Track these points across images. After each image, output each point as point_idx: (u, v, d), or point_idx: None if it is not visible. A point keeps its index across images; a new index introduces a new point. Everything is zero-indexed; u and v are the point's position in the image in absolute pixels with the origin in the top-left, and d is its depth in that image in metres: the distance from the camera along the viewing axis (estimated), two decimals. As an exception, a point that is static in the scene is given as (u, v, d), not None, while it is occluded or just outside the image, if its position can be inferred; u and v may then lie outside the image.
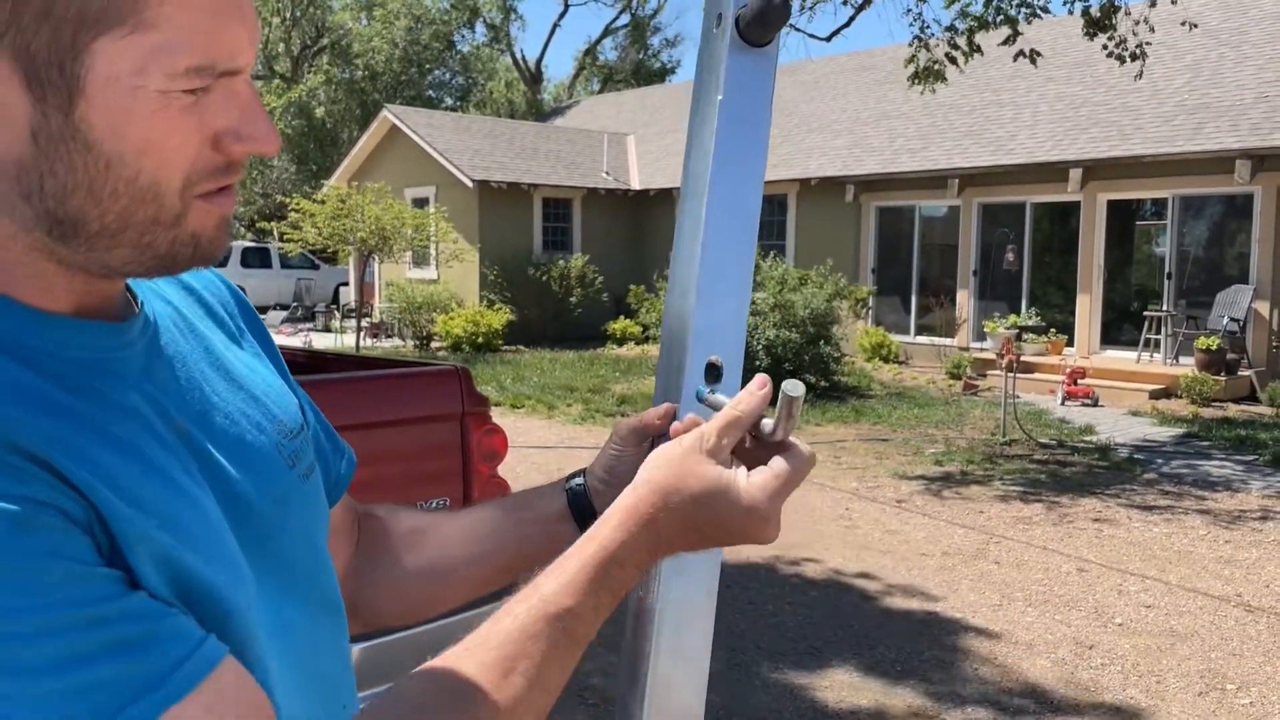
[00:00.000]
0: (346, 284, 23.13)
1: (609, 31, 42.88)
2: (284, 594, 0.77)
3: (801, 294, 12.22)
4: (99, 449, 0.63)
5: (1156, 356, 13.25)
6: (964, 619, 4.98)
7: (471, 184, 18.35)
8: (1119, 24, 9.99)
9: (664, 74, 42.73)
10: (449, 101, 39.10)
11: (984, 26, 9.98)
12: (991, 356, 13.36)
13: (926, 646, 4.61)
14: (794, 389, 0.76)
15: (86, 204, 0.64)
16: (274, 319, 20.50)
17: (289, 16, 36.49)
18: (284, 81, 35.45)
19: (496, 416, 4.01)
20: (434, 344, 17.74)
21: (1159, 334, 13.26)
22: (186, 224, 0.67)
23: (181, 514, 0.66)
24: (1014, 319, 14.51)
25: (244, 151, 0.67)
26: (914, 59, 10.52)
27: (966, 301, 15.41)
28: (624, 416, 9.43)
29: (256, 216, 29.83)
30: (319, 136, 34.56)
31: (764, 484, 0.77)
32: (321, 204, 17.05)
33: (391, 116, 20.45)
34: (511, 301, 18.24)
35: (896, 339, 15.58)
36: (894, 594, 5.34)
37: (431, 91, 38.96)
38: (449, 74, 40.52)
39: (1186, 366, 12.37)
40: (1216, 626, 4.91)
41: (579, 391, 12.37)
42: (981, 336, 14.88)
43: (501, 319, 17.20)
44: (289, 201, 17.65)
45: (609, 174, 20.63)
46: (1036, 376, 13.00)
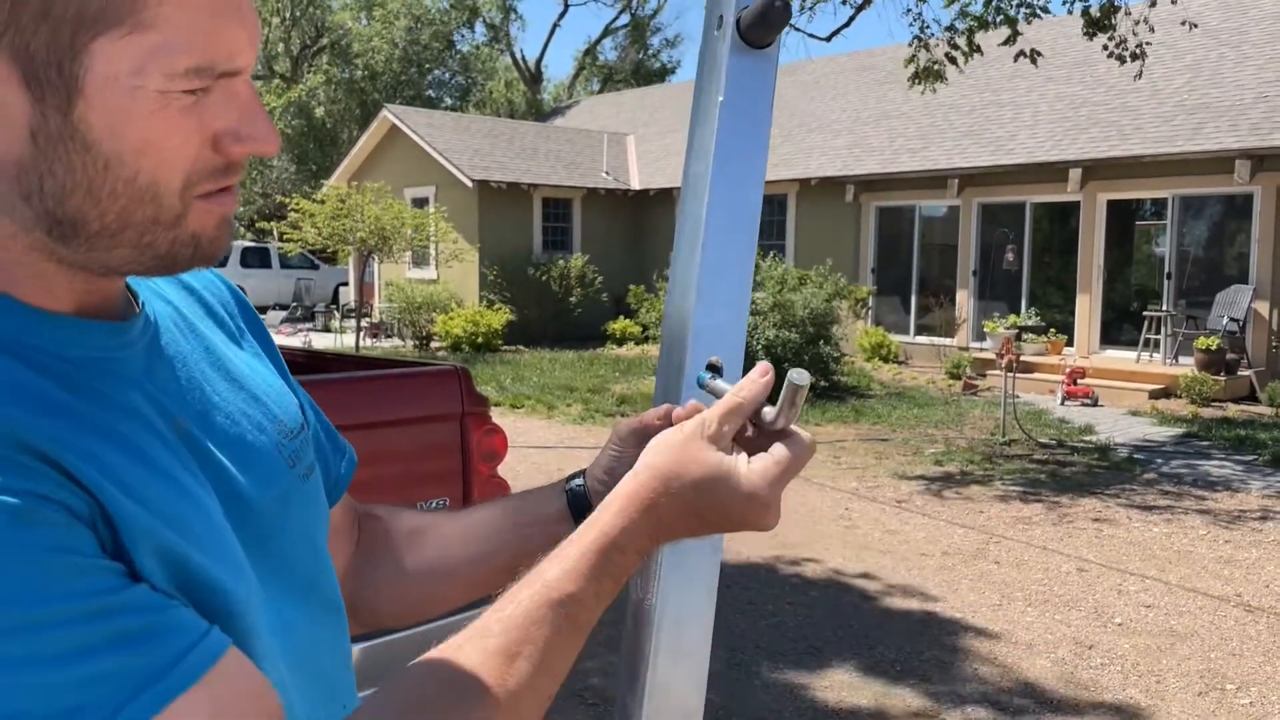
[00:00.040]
0: (346, 284, 23.14)
1: (609, 31, 42.93)
2: (284, 594, 0.77)
3: (801, 294, 12.22)
4: (103, 447, 0.63)
5: (1156, 356, 13.26)
6: (964, 619, 4.98)
7: (471, 184, 18.35)
8: (1119, 24, 9.99)
9: (664, 74, 42.74)
10: (449, 101, 39.09)
11: (984, 26, 9.98)
12: (991, 356, 13.36)
13: (926, 646, 4.61)
14: (800, 377, 0.75)
15: (86, 204, 0.64)
16: (273, 319, 20.50)
17: (289, 16, 36.50)
18: (284, 81, 35.46)
19: (496, 416, 4.01)
20: (434, 344, 17.74)
21: (1159, 334, 13.26)
22: (186, 224, 0.67)
23: (185, 511, 0.66)
24: (1014, 319, 14.51)
25: (244, 152, 0.67)
26: (914, 59, 10.53)
27: (966, 301, 15.41)
28: (624, 416, 9.43)
29: (256, 216, 29.82)
30: (319, 136, 34.57)
31: (764, 471, 0.77)
32: (321, 204, 17.04)
33: (391, 116, 20.45)
34: (511, 301, 18.23)
35: (896, 339, 15.57)
36: (894, 594, 5.34)
37: (431, 91, 38.96)
38: (449, 74, 40.52)
39: (1186, 366, 12.37)
40: (1216, 626, 4.91)
41: (579, 391, 12.37)
42: (981, 336, 14.88)
43: (501, 319, 17.19)
44: (288, 201, 17.64)
45: (609, 174, 20.62)
46: (1036, 376, 13.00)
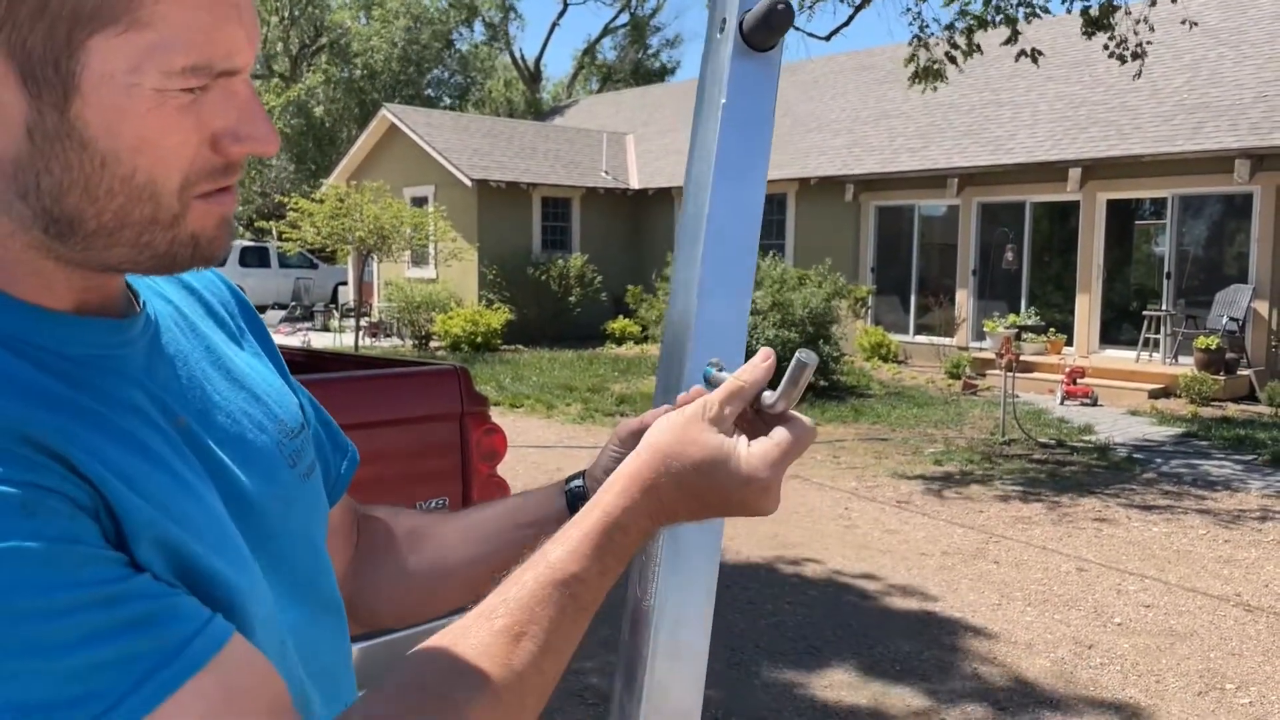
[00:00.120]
0: (345, 283, 23.13)
1: (608, 31, 42.93)
2: (285, 593, 0.78)
3: (800, 293, 12.21)
4: (104, 441, 0.63)
5: (1156, 356, 13.26)
6: (963, 618, 4.98)
7: (470, 183, 18.34)
8: (1118, 23, 9.99)
9: (663, 74, 42.73)
10: (448, 100, 39.09)
11: (983, 25, 9.99)
12: (991, 356, 13.37)
13: (925, 646, 4.61)
14: (807, 357, 0.76)
15: (83, 202, 0.64)
16: (272, 318, 20.48)
17: (288, 16, 36.49)
18: (283, 81, 35.44)
19: (495, 416, 4.01)
20: (433, 343, 17.73)
21: (1158, 333, 13.26)
22: (185, 224, 0.67)
23: (186, 505, 0.66)
24: (1013, 318, 14.52)
25: (243, 152, 0.67)
26: (914, 58, 10.53)
27: (966, 301, 15.41)
28: (623, 416, 9.43)
29: (255, 216, 29.82)
30: (318, 136, 34.57)
31: (764, 453, 0.77)
32: (320, 203, 17.03)
33: (390, 115, 20.44)
34: (510, 301, 18.22)
35: (896, 338, 15.57)
36: (893, 593, 5.34)
37: (430, 90, 38.97)
38: (448, 73, 40.53)
39: (1186, 366, 12.38)
40: (1216, 626, 4.91)
41: (578, 391, 12.37)
42: (981, 336, 14.88)
43: (500, 318, 17.19)
44: (287, 201, 17.64)
45: (608, 173, 20.62)
46: (1036, 376, 13.00)
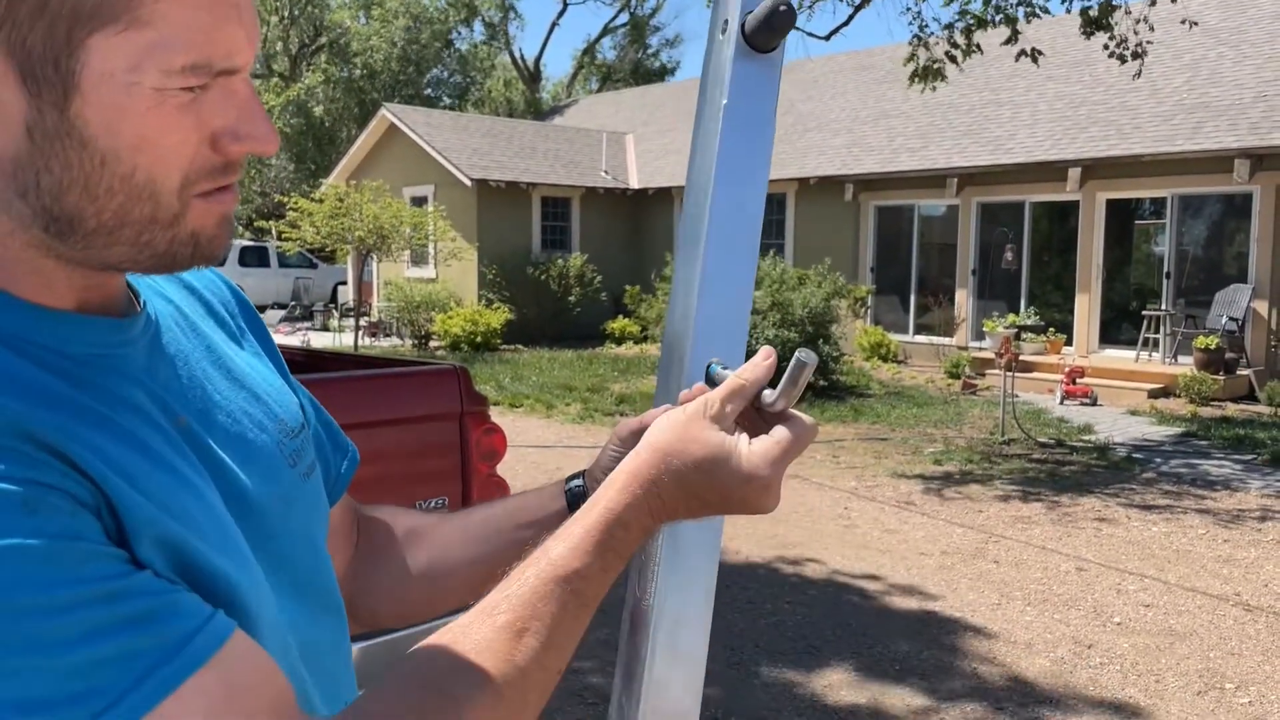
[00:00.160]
0: (345, 283, 23.12)
1: (608, 31, 42.92)
2: (285, 593, 0.78)
3: (800, 293, 12.21)
4: (105, 439, 0.63)
5: (1155, 356, 13.26)
6: (963, 618, 4.98)
7: (470, 183, 18.34)
8: (1118, 23, 9.99)
9: (663, 73, 42.72)
10: (447, 100, 39.08)
11: (983, 25, 9.98)
12: (990, 356, 13.37)
13: (925, 645, 4.61)
14: (807, 356, 0.76)
15: (82, 201, 0.64)
16: (272, 318, 20.47)
17: (287, 15, 36.48)
18: (282, 80, 35.43)
19: (495, 416, 4.01)
20: (432, 343, 17.73)
21: (1158, 333, 13.26)
22: (185, 223, 0.67)
23: (187, 503, 0.66)
24: (1013, 318, 14.52)
25: (242, 151, 0.67)
26: (913, 58, 10.52)
27: (965, 301, 15.41)
28: (623, 416, 9.43)
29: (255, 215, 29.83)
30: (317, 135, 34.57)
31: (765, 451, 0.77)
32: (320, 203, 17.03)
33: (390, 115, 20.44)
34: (510, 301, 18.22)
35: (895, 338, 15.57)
36: (893, 593, 5.34)
37: (430, 90, 38.96)
38: (447, 73, 40.52)
39: (1185, 366, 12.38)
40: (1215, 626, 4.91)
41: (577, 391, 12.37)
42: (980, 336, 14.88)
43: (500, 318, 17.18)
44: (287, 200, 17.63)
45: (607, 173, 20.62)
46: (1035, 376, 13.00)
